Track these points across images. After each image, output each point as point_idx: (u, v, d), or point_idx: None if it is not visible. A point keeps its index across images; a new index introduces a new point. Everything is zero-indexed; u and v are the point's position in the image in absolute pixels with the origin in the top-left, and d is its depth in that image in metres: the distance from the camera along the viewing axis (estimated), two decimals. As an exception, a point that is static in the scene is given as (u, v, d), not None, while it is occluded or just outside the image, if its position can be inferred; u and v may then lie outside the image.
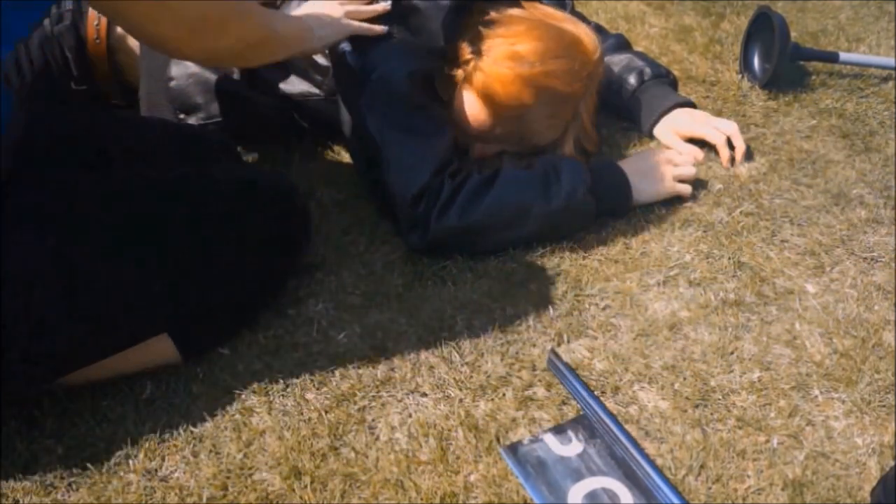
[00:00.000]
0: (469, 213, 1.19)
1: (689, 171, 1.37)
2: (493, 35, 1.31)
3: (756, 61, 1.75)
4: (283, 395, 1.04)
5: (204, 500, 0.92)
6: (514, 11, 1.34)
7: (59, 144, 1.10)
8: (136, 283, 0.98)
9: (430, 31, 1.27)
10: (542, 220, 1.23)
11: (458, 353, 1.09)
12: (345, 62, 1.24)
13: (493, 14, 1.33)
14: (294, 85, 1.36)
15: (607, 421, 0.99)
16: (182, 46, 0.97)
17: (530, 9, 1.36)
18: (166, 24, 0.92)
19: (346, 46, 1.24)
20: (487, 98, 1.32)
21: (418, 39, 1.26)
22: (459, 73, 1.33)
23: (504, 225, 1.22)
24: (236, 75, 1.36)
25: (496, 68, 1.30)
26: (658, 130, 1.51)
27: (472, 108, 1.33)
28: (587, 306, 1.17)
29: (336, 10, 1.21)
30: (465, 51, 1.31)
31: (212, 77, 1.35)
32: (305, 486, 0.93)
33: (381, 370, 1.07)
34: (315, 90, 1.34)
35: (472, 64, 1.31)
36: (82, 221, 0.97)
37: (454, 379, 1.06)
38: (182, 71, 1.35)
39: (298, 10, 1.23)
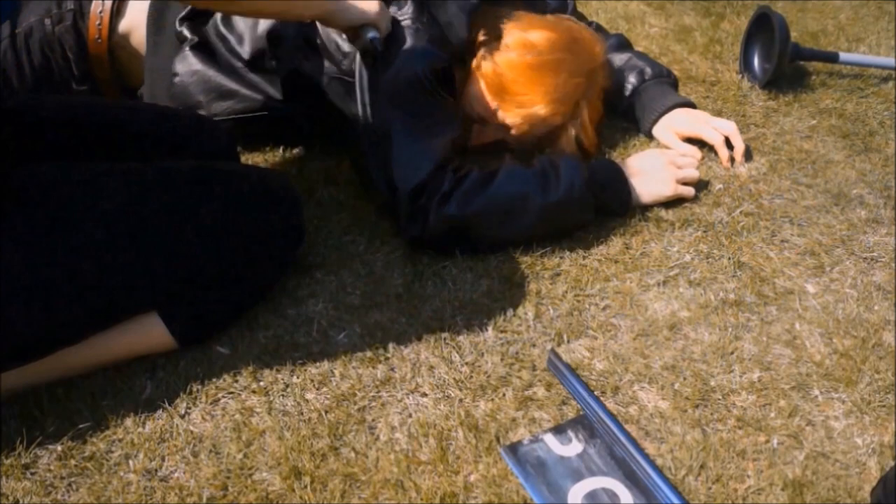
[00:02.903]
0: (469, 204, 1.20)
1: (693, 173, 1.38)
2: (506, 24, 1.38)
3: (756, 61, 1.75)
4: (283, 395, 1.04)
5: (204, 500, 0.92)
6: (524, 13, 1.41)
7: (59, 129, 1.11)
8: (123, 265, 1.00)
9: (454, 24, 1.33)
10: (541, 213, 1.23)
11: (458, 353, 1.09)
12: (372, 49, 1.21)
13: (504, 13, 1.40)
14: (312, 61, 1.35)
15: (607, 421, 0.99)
16: None
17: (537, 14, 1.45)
18: None
19: (374, 35, 1.20)
20: (496, 82, 1.36)
21: (444, 30, 1.30)
22: (477, 54, 1.38)
23: (503, 217, 1.23)
24: (246, 54, 1.35)
25: (506, 55, 1.35)
26: (657, 130, 1.52)
27: (480, 92, 1.37)
28: (587, 306, 1.17)
29: None
30: (479, 36, 1.37)
31: (214, 76, 1.34)
32: (305, 486, 0.93)
33: (381, 370, 1.07)
34: (332, 67, 1.34)
35: (483, 50, 1.37)
36: (74, 204, 0.98)
37: (454, 379, 1.06)
38: (186, 68, 1.35)
39: None
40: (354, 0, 1.17)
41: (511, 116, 1.38)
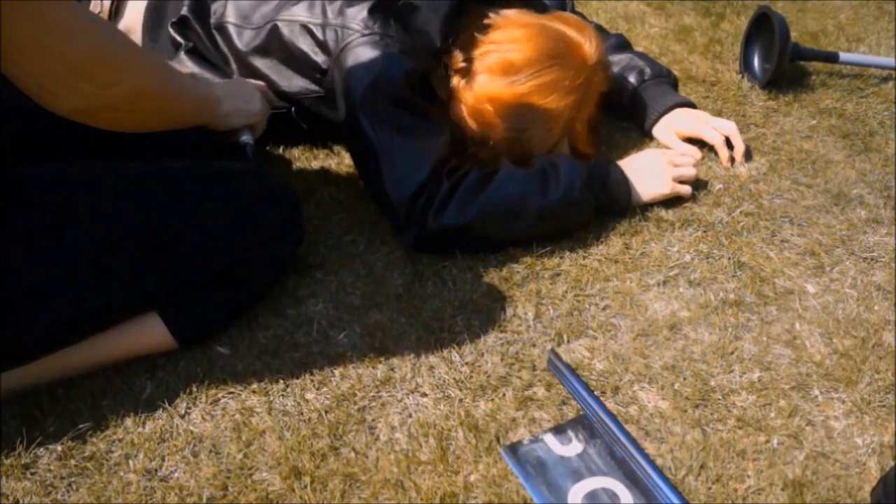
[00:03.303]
0: (467, 209, 1.20)
1: (690, 171, 1.37)
2: (486, 41, 1.30)
3: (756, 61, 1.75)
4: (283, 395, 1.04)
5: (204, 500, 0.92)
6: (512, 15, 1.33)
7: (60, 129, 1.11)
8: (123, 265, 1.00)
9: (428, 31, 1.27)
10: (540, 214, 1.23)
11: (458, 353, 1.09)
12: (244, 151, 1.21)
13: (490, 17, 1.32)
14: (293, 82, 1.35)
15: (607, 421, 0.99)
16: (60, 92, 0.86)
17: (529, 13, 1.35)
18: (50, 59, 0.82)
19: (247, 139, 1.21)
20: (478, 116, 1.31)
21: (416, 38, 1.26)
22: (455, 80, 1.32)
23: (502, 220, 1.22)
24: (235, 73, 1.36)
25: (488, 87, 1.28)
26: (657, 130, 1.52)
27: (466, 122, 1.32)
28: (587, 306, 1.17)
29: (255, 96, 1.20)
30: (458, 60, 1.30)
31: (211, 77, 1.34)
32: (305, 486, 0.93)
33: (381, 370, 1.07)
34: (314, 87, 1.34)
35: (464, 80, 1.30)
36: (74, 204, 0.98)
37: (454, 379, 1.06)
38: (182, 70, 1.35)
39: (216, 83, 1.21)
40: (240, 101, 1.18)
41: (502, 143, 1.32)
